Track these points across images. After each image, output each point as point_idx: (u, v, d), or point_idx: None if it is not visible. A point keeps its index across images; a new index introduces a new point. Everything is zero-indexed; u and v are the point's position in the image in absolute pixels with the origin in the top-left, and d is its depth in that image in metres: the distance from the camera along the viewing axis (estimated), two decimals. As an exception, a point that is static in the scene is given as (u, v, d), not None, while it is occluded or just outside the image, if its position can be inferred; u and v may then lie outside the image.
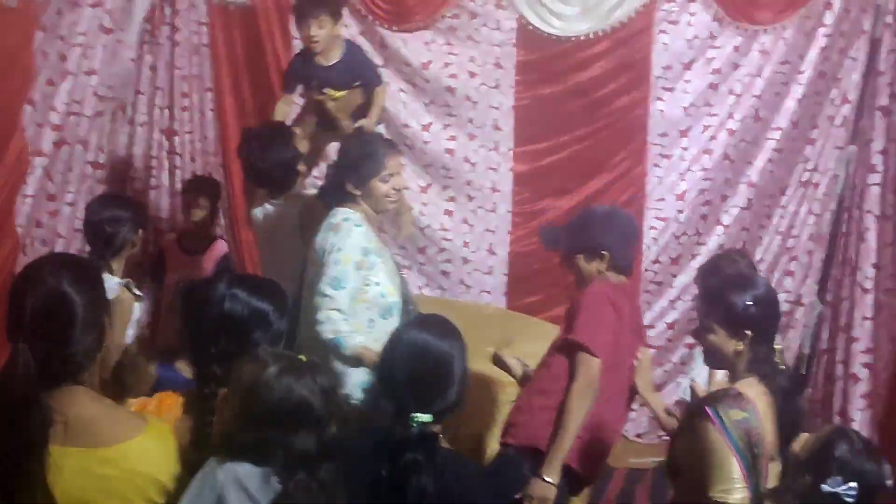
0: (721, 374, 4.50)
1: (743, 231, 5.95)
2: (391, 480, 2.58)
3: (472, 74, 5.95)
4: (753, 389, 3.03)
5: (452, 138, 6.04)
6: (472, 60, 5.95)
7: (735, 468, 2.89)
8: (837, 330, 5.78)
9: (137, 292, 4.08)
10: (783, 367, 3.14)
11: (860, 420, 5.45)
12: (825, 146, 5.80)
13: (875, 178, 5.55)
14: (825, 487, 2.73)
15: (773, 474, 3.00)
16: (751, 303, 3.09)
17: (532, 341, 4.73)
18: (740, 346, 3.09)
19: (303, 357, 2.59)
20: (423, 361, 2.74)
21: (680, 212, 6.00)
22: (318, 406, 2.47)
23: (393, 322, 3.74)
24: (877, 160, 5.54)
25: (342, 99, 4.52)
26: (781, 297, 5.94)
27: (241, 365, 2.52)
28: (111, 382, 3.99)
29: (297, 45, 5.93)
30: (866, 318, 5.57)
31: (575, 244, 3.84)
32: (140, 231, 4.32)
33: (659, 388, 5.73)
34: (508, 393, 4.50)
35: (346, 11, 5.83)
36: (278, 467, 2.38)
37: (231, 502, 2.35)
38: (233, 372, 2.53)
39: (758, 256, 5.92)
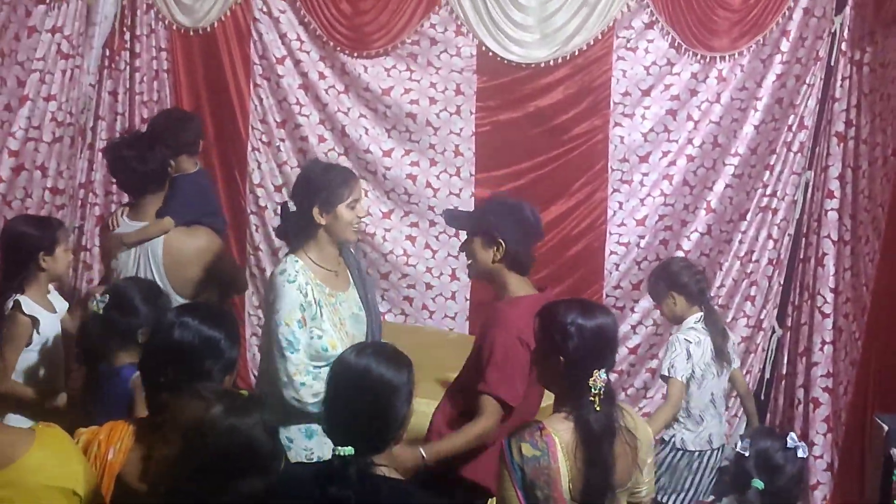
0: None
1: (703, 256, 5.97)
2: None
3: (433, 101, 5.97)
4: (561, 425, 2.89)
5: (414, 164, 6.06)
6: (432, 86, 5.97)
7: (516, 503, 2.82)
8: (797, 354, 5.82)
9: (29, 313, 4.01)
10: (598, 408, 2.87)
11: (821, 444, 5.48)
12: (783, 172, 5.84)
13: (832, 203, 5.60)
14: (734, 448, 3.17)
15: None
16: (568, 328, 2.91)
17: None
18: (557, 368, 2.93)
19: (244, 392, 2.56)
20: (351, 389, 2.66)
21: (641, 237, 6.02)
22: (266, 445, 2.41)
23: None
24: (834, 186, 5.59)
25: None
26: (741, 321, 6.01)
27: (181, 404, 2.45)
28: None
29: (258, 69, 5.98)
30: (825, 343, 5.60)
31: (473, 226, 3.82)
32: (51, 252, 4.11)
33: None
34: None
35: (306, 37, 5.90)
36: None
37: None
38: (173, 411, 2.48)
39: (717, 282, 5.95)
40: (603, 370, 2.90)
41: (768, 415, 6.07)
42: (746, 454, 3.16)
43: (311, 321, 3.70)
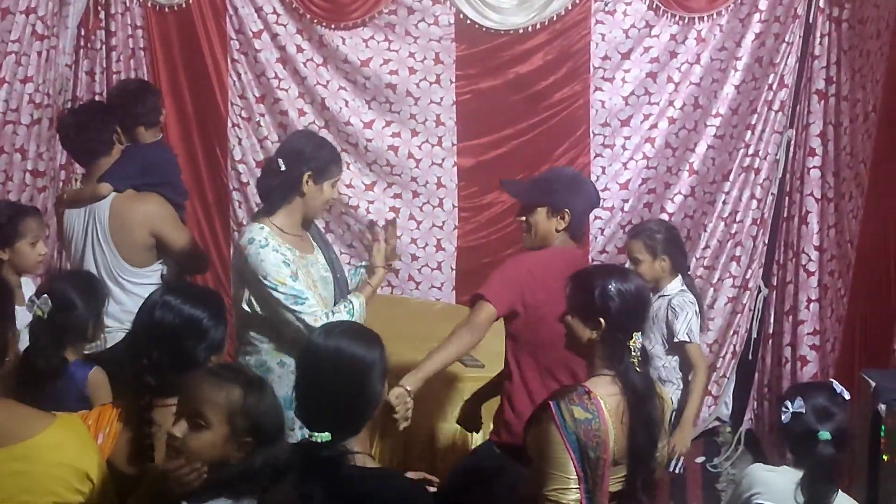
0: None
1: (687, 218, 5.98)
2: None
3: (412, 70, 5.95)
4: (605, 388, 2.94)
5: (396, 135, 6.04)
6: (411, 56, 5.94)
7: (571, 468, 2.83)
8: (783, 313, 5.84)
9: None
10: (639, 369, 2.97)
11: (808, 401, 5.50)
12: (765, 131, 5.83)
13: (815, 161, 5.60)
14: (784, 416, 3.25)
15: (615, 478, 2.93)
16: (609, 291, 2.97)
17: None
18: (594, 335, 2.99)
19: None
20: (321, 370, 2.58)
21: (625, 201, 6.02)
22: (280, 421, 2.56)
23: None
24: (815, 143, 5.59)
25: None
26: (727, 282, 6.02)
27: (205, 386, 2.49)
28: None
29: (235, 45, 5.94)
30: (811, 301, 5.62)
31: (540, 197, 3.79)
32: (9, 245, 4.03)
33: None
34: (460, 387, 4.54)
35: (282, 10, 5.86)
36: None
37: None
38: (194, 390, 2.50)
39: (702, 243, 5.96)
40: (640, 332, 2.98)
41: (756, 374, 6.11)
42: (804, 411, 3.24)
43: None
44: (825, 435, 3.19)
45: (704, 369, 4.64)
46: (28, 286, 4.19)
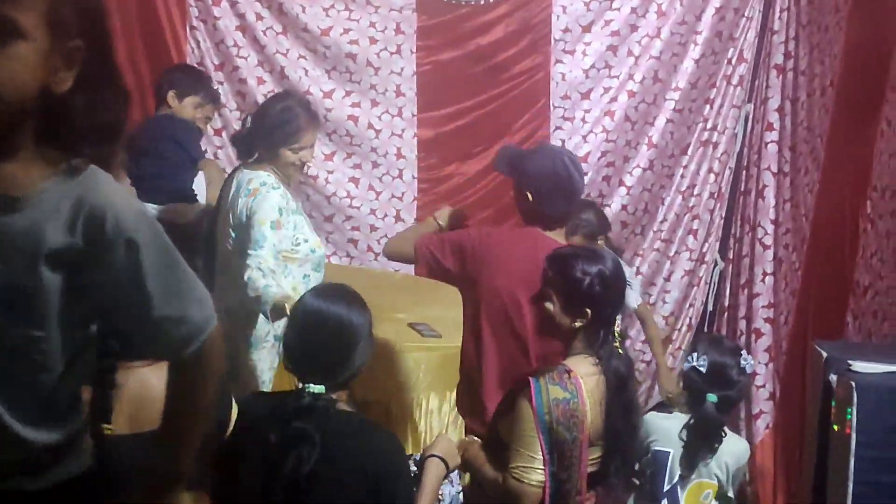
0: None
1: (645, 192, 6.01)
2: (278, 448, 2.59)
3: (373, 40, 5.90)
4: (585, 368, 2.96)
5: (355, 105, 5.99)
6: (372, 26, 5.89)
7: (538, 448, 2.86)
8: (739, 286, 5.90)
9: None
10: (621, 351, 3.03)
11: (763, 373, 5.56)
12: (723, 105, 5.88)
13: (772, 135, 5.65)
14: (687, 363, 3.50)
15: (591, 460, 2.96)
16: (596, 281, 2.97)
17: (439, 306, 4.76)
18: (577, 323, 3.00)
19: None
20: (318, 330, 2.74)
21: (584, 174, 6.03)
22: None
23: (323, 274, 3.92)
24: (773, 118, 5.64)
25: None
26: (683, 255, 6.07)
27: None
28: None
29: (194, 12, 5.87)
30: (767, 274, 5.68)
31: (508, 172, 3.80)
32: None
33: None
34: (415, 359, 4.54)
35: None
36: None
37: None
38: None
39: (660, 216, 6.01)
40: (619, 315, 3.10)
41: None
42: (703, 370, 3.43)
43: (294, 229, 3.84)
44: (712, 398, 3.43)
45: (653, 318, 5.08)
46: None
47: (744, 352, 3.61)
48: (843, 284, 4.66)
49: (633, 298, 4.66)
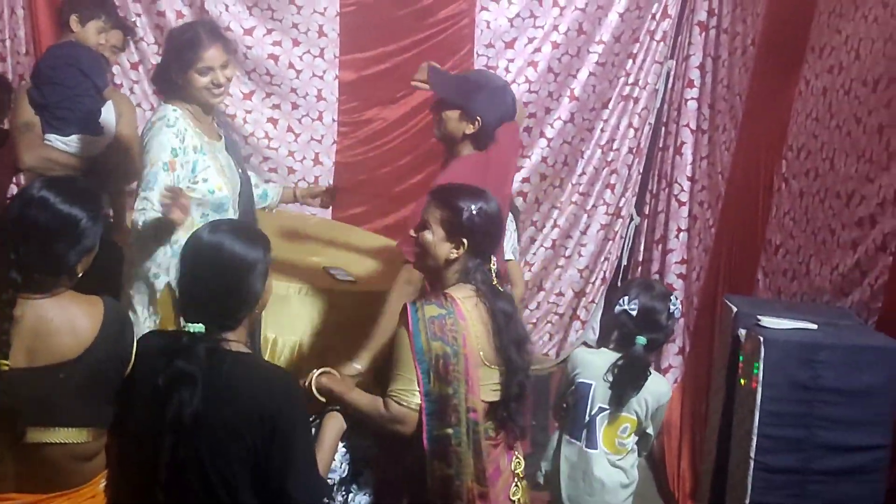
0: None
1: (565, 144, 6.02)
2: (163, 389, 2.53)
3: (296, -23, 5.79)
4: (463, 293, 3.03)
5: (276, 43, 5.86)
6: (295, -37, 5.78)
7: (413, 371, 2.93)
8: (653, 241, 5.97)
9: None
10: (501, 289, 3.11)
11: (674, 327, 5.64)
12: (646, 61, 5.90)
13: (692, 92, 5.70)
14: (619, 306, 3.72)
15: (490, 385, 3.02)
16: (475, 211, 3.04)
17: (355, 251, 4.73)
18: (453, 254, 3.06)
19: None
20: (198, 263, 2.65)
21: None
22: None
23: (228, 216, 3.74)
24: (694, 75, 5.69)
25: None
26: (601, 209, 6.11)
27: None
28: None
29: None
30: (681, 230, 5.76)
31: (457, 98, 3.79)
32: None
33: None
34: (332, 301, 4.49)
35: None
36: None
37: None
38: None
39: (579, 170, 6.03)
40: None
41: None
42: (634, 314, 3.68)
43: (192, 167, 3.69)
44: (642, 340, 3.66)
45: (523, 284, 5.16)
46: None
47: (673, 297, 3.79)
48: (755, 242, 4.73)
49: (508, 248, 4.71)
